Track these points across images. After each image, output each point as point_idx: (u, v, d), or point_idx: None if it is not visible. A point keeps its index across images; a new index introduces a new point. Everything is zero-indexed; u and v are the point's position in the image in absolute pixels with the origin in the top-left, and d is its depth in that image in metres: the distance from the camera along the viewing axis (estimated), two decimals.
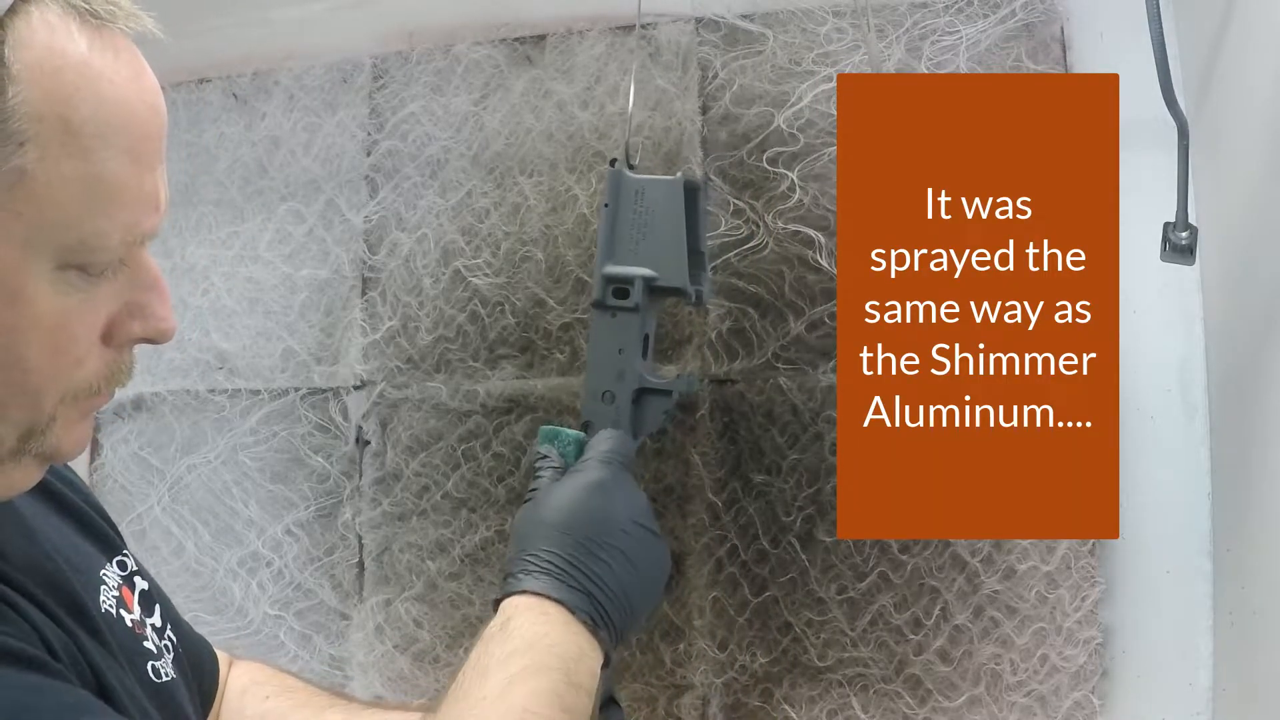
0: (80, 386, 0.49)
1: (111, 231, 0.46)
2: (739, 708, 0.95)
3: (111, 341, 0.50)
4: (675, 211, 0.73)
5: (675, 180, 0.74)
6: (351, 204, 1.10)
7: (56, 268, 0.45)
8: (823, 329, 0.94)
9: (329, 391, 1.09)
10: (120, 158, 0.46)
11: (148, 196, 0.48)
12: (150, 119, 0.48)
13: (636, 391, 0.73)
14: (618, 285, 0.72)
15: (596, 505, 0.64)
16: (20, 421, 0.47)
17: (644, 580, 0.64)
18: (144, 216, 0.48)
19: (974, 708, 0.89)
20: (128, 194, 0.47)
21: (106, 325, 0.49)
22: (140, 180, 0.47)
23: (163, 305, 0.51)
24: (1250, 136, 0.78)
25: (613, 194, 0.73)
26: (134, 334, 0.50)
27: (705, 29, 0.99)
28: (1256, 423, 0.78)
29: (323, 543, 1.09)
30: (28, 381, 0.46)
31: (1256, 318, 0.78)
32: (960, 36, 0.92)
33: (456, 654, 1.02)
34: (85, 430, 0.52)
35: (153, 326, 0.51)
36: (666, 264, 0.73)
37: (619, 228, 0.73)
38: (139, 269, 0.50)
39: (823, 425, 0.93)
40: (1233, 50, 0.80)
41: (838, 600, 0.92)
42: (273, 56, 1.13)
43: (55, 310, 0.46)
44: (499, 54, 1.05)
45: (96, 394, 0.50)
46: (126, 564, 0.64)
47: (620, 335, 0.73)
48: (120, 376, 0.51)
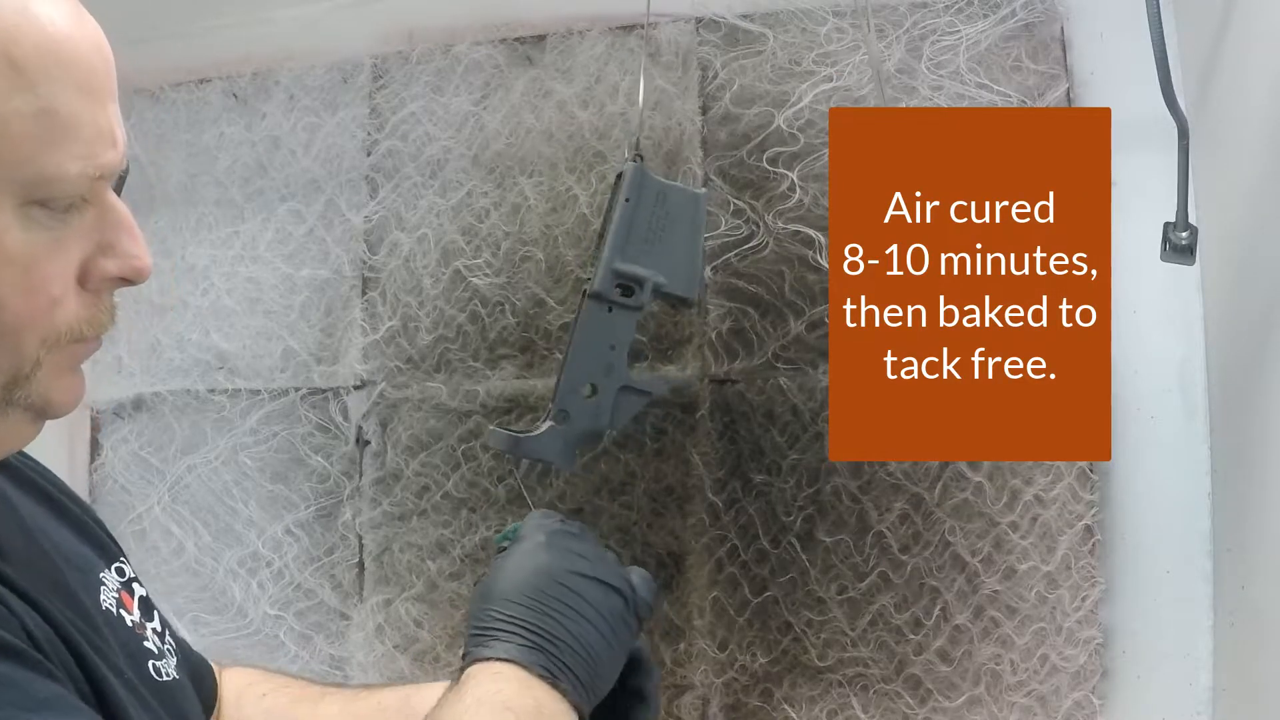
0: (61, 330, 0.49)
1: (69, 164, 0.47)
2: (739, 708, 0.95)
3: (88, 283, 0.50)
4: (695, 225, 0.74)
5: (700, 194, 0.75)
6: (351, 204, 1.10)
7: (20, 204, 0.46)
8: (823, 329, 0.93)
9: (329, 391, 1.09)
10: (70, 92, 0.46)
11: (103, 131, 0.48)
12: (95, 55, 0.48)
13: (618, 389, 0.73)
14: (625, 283, 0.72)
15: (531, 566, 0.64)
16: (3, 367, 0.48)
17: (597, 628, 0.64)
18: (101, 150, 0.48)
19: (974, 708, 0.89)
20: (82, 128, 0.47)
21: (81, 267, 0.50)
22: (94, 114, 0.48)
23: (134, 243, 0.51)
24: (1250, 136, 0.78)
25: (634, 190, 0.73)
26: (109, 272, 0.51)
27: (705, 29, 0.99)
28: (1256, 423, 0.78)
29: (323, 543, 1.09)
30: (4, 321, 0.46)
31: (1256, 318, 0.78)
32: (960, 36, 0.92)
33: (456, 654, 1.02)
34: (76, 382, 0.52)
35: (127, 264, 0.51)
36: (677, 273, 0.73)
37: (635, 226, 0.73)
38: (106, 208, 0.51)
39: (823, 425, 0.93)
40: (1233, 50, 0.80)
41: (838, 600, 0.92)
42: (273, 56, 1.13)
43: (24, 248, 0.46)
44: (499, 54, 1.05)
45: (80, 340, 0.51)
46: (125, 570, 0.64)
47: (615, 331, 0.73)
48: (102, 321, 0.51)
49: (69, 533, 0.61)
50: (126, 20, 0.54)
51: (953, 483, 0.91)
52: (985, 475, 0.90)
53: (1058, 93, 0.90)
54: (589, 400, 0.72)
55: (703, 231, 0.74)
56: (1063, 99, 0.90)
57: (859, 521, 0.92)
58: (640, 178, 0.73)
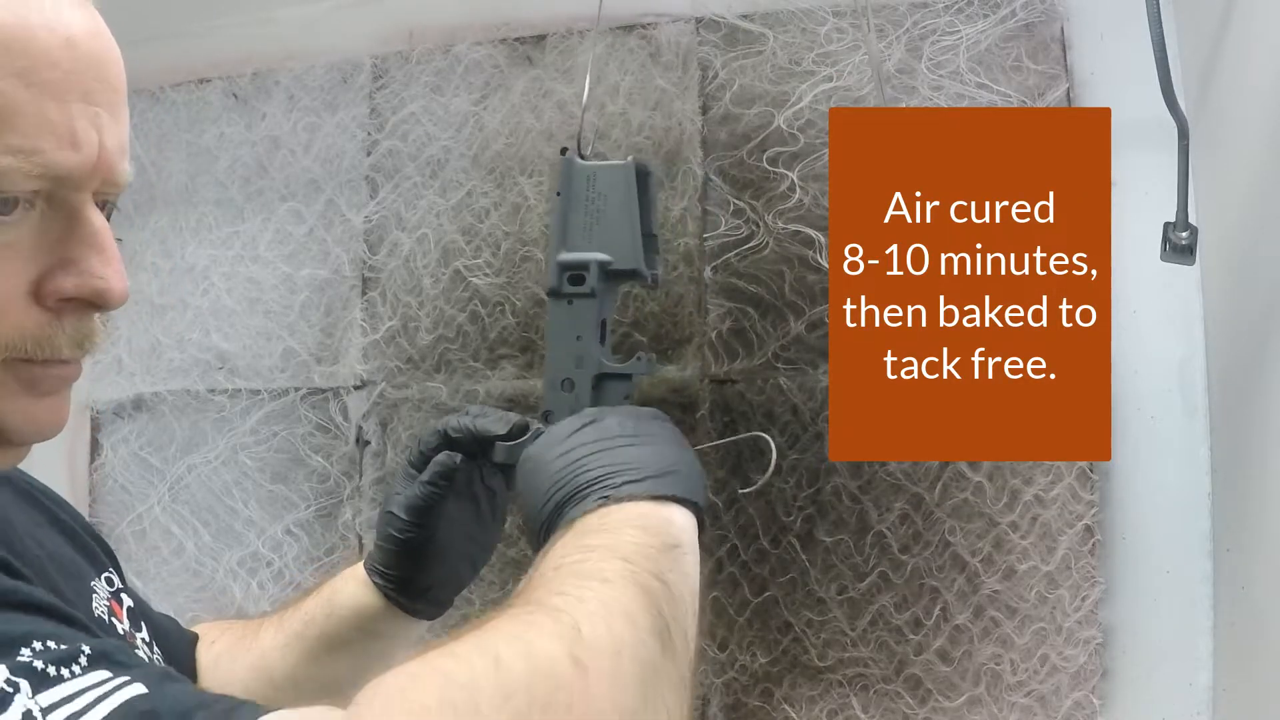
0: (2, 343, 0.46)
1: (1, 157, 0.43)
2: (739, 708, 0.95)
3: (42, 299, 0.47)
4: (628, 195, 0.73)
5: (626, 165, 0.74)
6: (351, 204, 1.10)
7: None
8: (823, 329, 0.93)
9: (329, 391, 1.09)
10: (8, 79, 0.43)
11: (54, 128, 0.45)
12: (58, 49, 0.45)
13: (596, 377, 0.73)
14: (573, 272, 0.72)
15: (589, 434, 0.63)
16: None
17: (662, 442, 0.64)
18: (51, 149, 0.45)
19: (974, 708, 0.89)
20: (19, 119, 0.44)
21: (35, 280, 0.46)
22: (40, 108, 0.44)
23: (102, 262, 0.47)
24: (1250, 136, 0.77)
25: (565, 182, 0.73)
26: (63, 290, 0.47)
27: (705, 29, 0.99)
28: (1256, 423, 0.78)
29: (323, 543, 1.09)
30: None
31: (1256, 318, 0.78)
32: (960, 36, 0.92)
33: None
34: (37, 408, 0.48)
35: (85, 283, 0.47)
36: (620, 248, 0.73)
37: (571, 215, 0.73)
38: (76, 221, 0.47)
39: (823, 425, 0.93)
40: (1233, 50, 0.80)
41: (838, 600, 0.92)
42: (273, 56, 1.13)
43: None
44: (499, 54, 1.05)
45: (29, 359, 0.47)
46: (114, 581, 0.63)
47: (578, 322, 0.73)
48: (57, 343, 0.47)
49: (61, 539, 0.61)
50: (127, 20, 0.53)
51: (953, 483, 0.91)
52: (985, 475, 0.90)
53: (1058, 93, 0.90)
54: (566, 395, 0.72)
55: (636, 200, 0.72)
56: (1063, 99, 0.90)
57: (859, 521, 0.92)
58: (566, 168, 0.73)
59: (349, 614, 0.71)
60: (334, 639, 0.71)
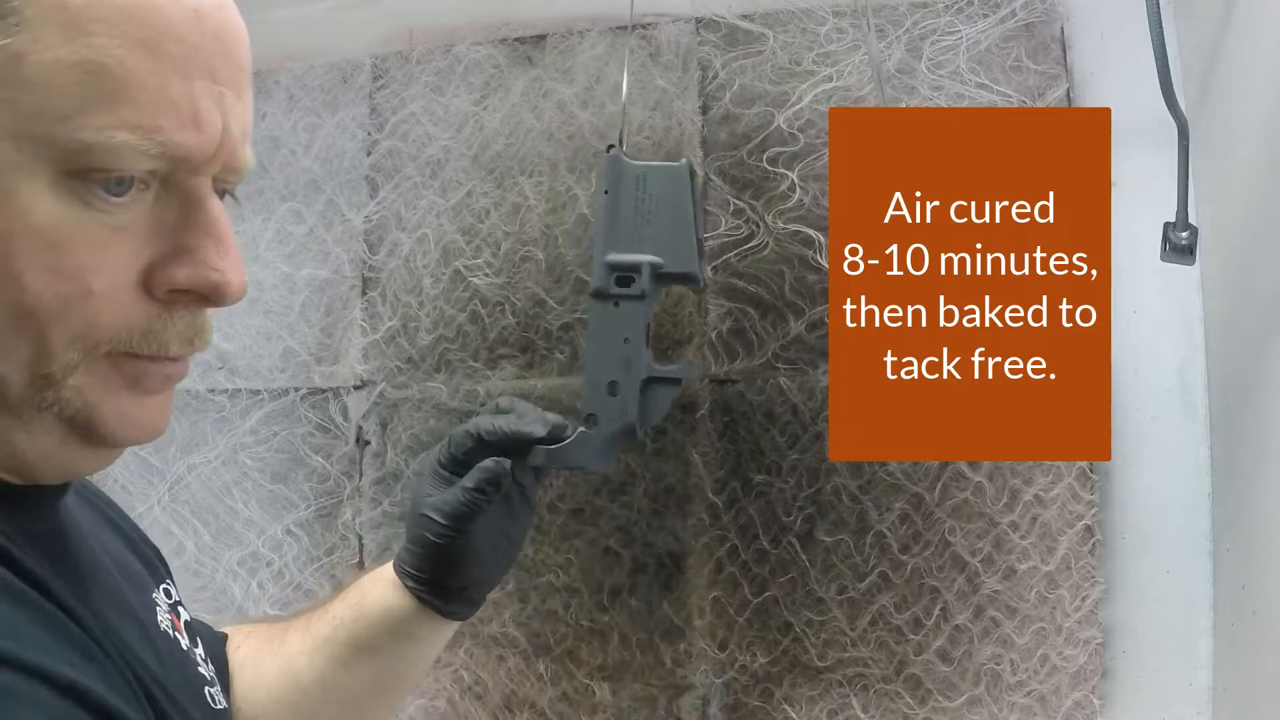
0: (100, 333, 0.42)
1: (116, 132, 0.40)
2: (739, 708, 0.95)
3: (153, 290, 0.43)
4: (683, 198, 0.72)
5: (681, 166, 0.72)
6: (351, 204, 1.10)
7: (59, 173, 0.40)
8: (823, 329, 0.93)
9: (329, 391, 1.09)
10: (131, 49, 0.40)
11: (175, 104, 0.41)
12: (185, 22, 0.42)
13: (643, 381, 0.72)
14: (622, 273, 0.71)
15: None
16: (25, 358, 0.41)
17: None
18: (171, 126, 0.41)
19: (974, 708, 0.89)
20: (139, 92, 0.40)
21: (147, 269, 0.43)
22: (162, 82, 0.41)
23: (219, 254, 0.44)
24: (1250, 136, 0.77)
25: (613, 180, 0.72)
26: (176, 280, 0.43)
27: (705, 29, 0.99)
28: (1256, 423, 0.78)
29: (323, 543, 1.09)
30: (23, 301, 0.40)
31: (1256, 318, 0.78)
32: (960, 36, 0.92)
33: (456, 653, 1.02)
34: (134, 406, 0.45)
35: (201, 276, 0.44)
36: (673, 250, 0.71)
37: (620, 215, 0.72)
38: (194, 207, 0.44)
39: (823, 425, 0.93)
40: (1233, 50, 0.80)
41: (838, 600, 0.92)
42: (273, 56, 1.13)
43: (56, 223, 0.40)
44: (499, 54, 1.05)
45: (134, 354, 0.43)
46: (171, 593, 0.60)
47: (625, 324, 0.71)
48: (164, 339, 0.44)
49: (123, 545, 0.58)
50: None
51: (953, 483, 0.91)
52: (985, 475, 0.90)
53: (1058, 93, 0.90)
54: (613, 399, 0.71)
55: (691, 203, 0.72)
56: (1063, 99, 0.90)
57: (859, 521, 0.92)
58: (615, 166, 0.72)
59: (379, 617, 0.69)
60: (363, 642, 0.69)
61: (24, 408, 0.42)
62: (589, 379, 0.71)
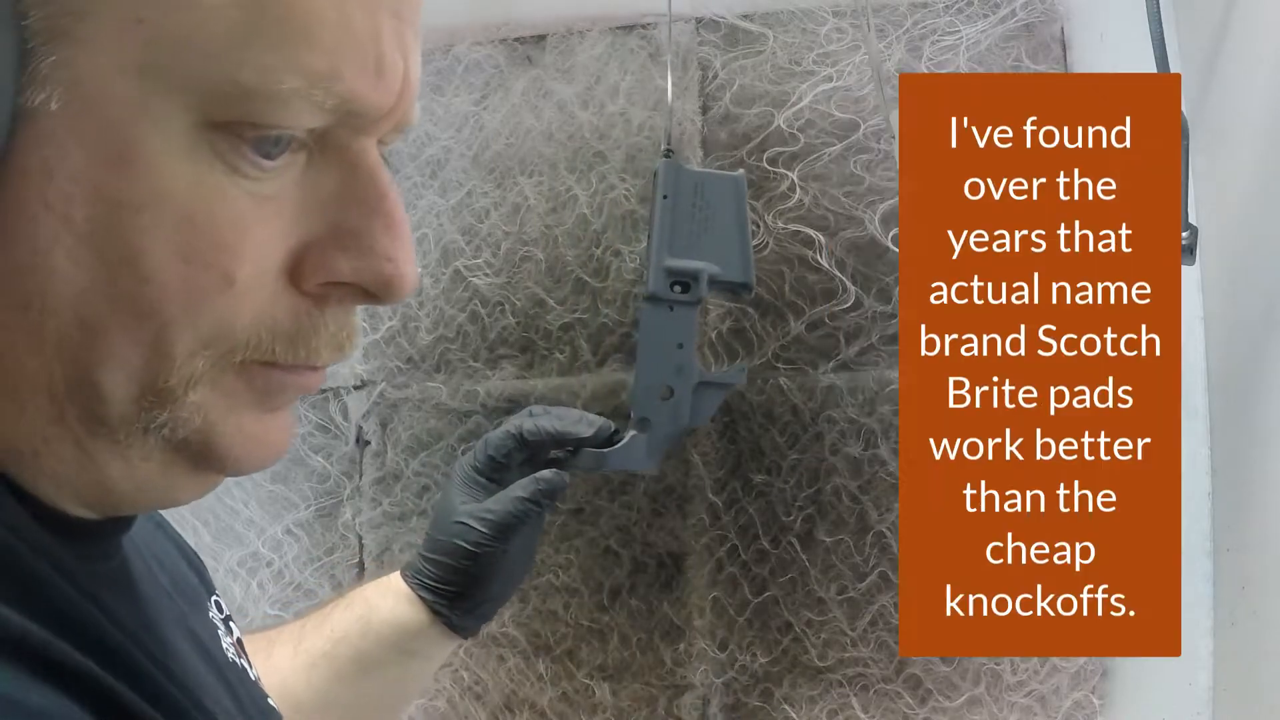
0: (237, 332, 0.32)
1: (283, 74, 0.30)
2: (739, 708, 0.95)
3: (304, 281, 0.33)
4: (740, 208, 0.74)
5: (738, 177, 0.75)
6: None
7: (201, 123, 0.30)
8: (822, 329, 0.94)
9: (329, 391, 1.09)
10: None
11: (359, 46, 0.31)
12: None
13: (695, 386, 0.73)
14: (680, 279, 0.72)
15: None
16: (135, 367, 0.31)
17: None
18: (353, 75, 0.31)
19: (974, 708, 0.89)
20: (321, 31, 0.30)
21: (297, 253, 0.33)
22: (345, 15, 0.31)
23: (391, 239, 0.34)
24: (1250, 136, 0.78)
25: (670, 186, 0.73)
26: (336, 271, 0.33)
27: (705, 29, 0.99)
28: (1256, 423, 0.78)
29: (323, 543, 1.09)
30: (142, 293, 0.30)
31: (1256, 318, 0.78)
32: (960, 36, 0.92)
33: (456, 653, 1.02)
34: (264, 427, 0.35)
35: (370, 268, 0.34)
36: (729, 259, 0.74)
37: (678, 221, 0.73)
38: (358, 177, 0.34)
39: (822, 425, 0.93)
40: (1233, 50, 0.80)
41: (838, 600, 0.92)
42: None
43: (190, 188, 0.30)
44: (499, 54, 1.05)
45: (270, 361, 0.33)
46: (222, 605, 0.52)
47: (679, 329, 0.73)
48: (313, 345, 0.34)
49: (175, 552, 0.50)
50: None
51: None
52: None
53: None
54: (666, 403, 0.72)
55: (747, 213, 0.74)
56: None
57: (859, 521, 0.92)
58: (674, 172, 0.73)
59: (389, 631, 0.65)
60: (368, 659, 0.64)
61: (126, 430, 0.32)
62: (641, 383, 0.72)
